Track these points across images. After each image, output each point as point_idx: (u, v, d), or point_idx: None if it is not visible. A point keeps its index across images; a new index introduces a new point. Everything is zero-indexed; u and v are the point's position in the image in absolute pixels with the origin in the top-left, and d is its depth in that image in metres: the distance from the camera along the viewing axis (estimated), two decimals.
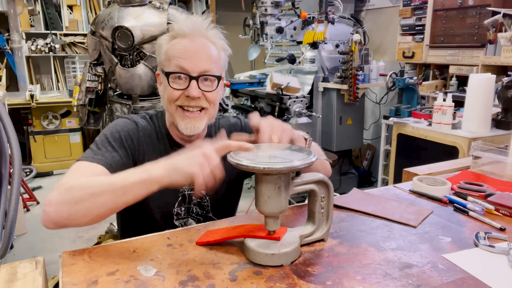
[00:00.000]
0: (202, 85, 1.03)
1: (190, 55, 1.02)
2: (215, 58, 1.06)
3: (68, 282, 0.70)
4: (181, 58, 1.02)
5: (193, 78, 1.02)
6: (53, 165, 4.50)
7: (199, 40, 1.04)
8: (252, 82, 3.82)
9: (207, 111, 1.07)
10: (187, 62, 1.01)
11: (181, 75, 1.02)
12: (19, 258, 1.05)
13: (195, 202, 1.15)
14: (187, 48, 1.02)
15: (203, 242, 0.84)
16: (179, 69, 1.02)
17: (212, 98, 1.06)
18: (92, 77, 2.72)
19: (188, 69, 1.01)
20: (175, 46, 1.03)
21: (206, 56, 1.03)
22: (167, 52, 1.04)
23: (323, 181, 0.82)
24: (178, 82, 1.03)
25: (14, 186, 0.77)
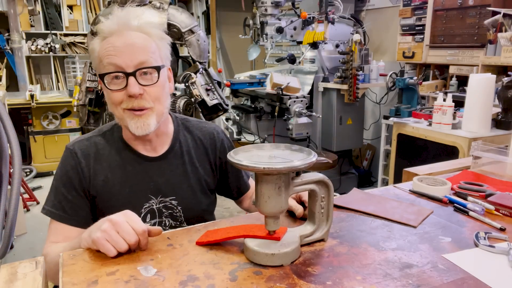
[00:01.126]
0: (142, 79, 0.96)
1: (121, 50, 0.95)
2: (152, 48, 0.98)
3: (68, 282, 0.70)
4: (111, 55, 0.95)
5: (130, 74, 0.95)
6: (53, 165, 4.49)
7: (129, 34, 0.97)
8: (252, 82, 3.82)
9: (153, 109, 0.99)
10: (119, 58, 0.94)
11: (117, 73, 0.95)
12: (19, 258, 1.05)
13: (167, 214, 1.09)
14: (116, 44, 0.95)
15: (203, 242, 0.84)
16: (113, 67, 0.95)
17: (155, 93, 0.98)
18: (92, 77, 2.72)
19: (122, 66, 0.94)
20: (105, 45, 0.96)
21: (139, 48, 0.96)
22: (99, 54, 0.98)
23: (323, 181, 0.82)
24: (116, 82, 0.96)
25: (14, 186, 0.77)
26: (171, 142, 1.11)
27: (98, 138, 1.09)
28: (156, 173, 1.08)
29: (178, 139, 1.12)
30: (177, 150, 1.11)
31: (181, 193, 1.10)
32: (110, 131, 1.10)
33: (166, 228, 1.09)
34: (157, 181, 1.07)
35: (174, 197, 1.09)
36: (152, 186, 1.07)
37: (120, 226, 0.77)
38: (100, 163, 1.05)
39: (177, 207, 1.10)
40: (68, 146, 1.08)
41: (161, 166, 1.08)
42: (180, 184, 1.10)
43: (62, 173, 1.05)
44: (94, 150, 1.06)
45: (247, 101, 3.85)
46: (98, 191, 1.05)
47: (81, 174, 1.04)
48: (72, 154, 1.06)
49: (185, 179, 1.11)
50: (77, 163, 1.04)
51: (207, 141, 1.16)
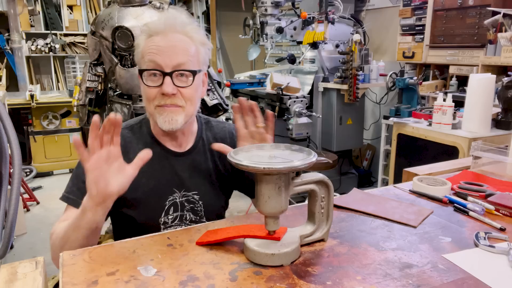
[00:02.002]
0: (177, 81, 1.01)
1: (163, 50, 1.00)
2: (192, 52, 1.02)
3: (68, 282, 0.70)
4: (153, 53, 1.00)
5: (167, 74, 0.99)
6: (53, 165, 4.50)
7: (173, 36, 1.01)
8: (252, 82, 3.82)
9: (183, 109, 1.03)
10: (160, 57, 0.99)
11: (155, 71, 1.00)
12: (19, 258, 1.05)
13: (188, 208, 1.13)
14: (159, 44, 1.00)
15: (203, 242, 0.84)
16: (152, 65, 1.00)
17: (188, 95, 1.03)
18: (92, 77, 2.72)
19: (161, 65, 0.99)
20: (149, 44, 1.01)
21: (180, 50, 1.01)
22: (143, 50, 1.03)
23: (323, 181, 0.82)
24: (153, 79, 1.01)
25: (14, 186, 0.77)
26: (195, 139, 1.15)
27: (125, 131, 1.11)
28: (181, 168, 1.12)
29: (201, 137, 1.17)
30: (201, 148, 1.16)
31: (203, 188, 1.14)
32: (138, 124, 1.14)
33: (187, 222, 1.13)
34: (181, 176, 1.12)
35: (197, 191, 1.13)
36: (177, 180, 1.11)
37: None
38: (128, 155, 1.06)
39: (198, 202, 1.13)
40: None
41: (186, 161, 1.13)
42: (203, 180, 1.14)
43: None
44: (122, 143, 1.07)
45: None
46: None
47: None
48: None
49: (207, 175, 1.15)
50: None
51: (228, 139, 1.20)
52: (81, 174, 1.03)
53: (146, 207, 1.08)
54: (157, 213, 1.09)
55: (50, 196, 3.79)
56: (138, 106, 2.61)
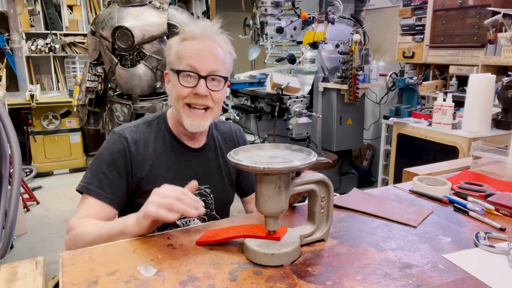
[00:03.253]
0: (210, 84, 1.10)
1: (201, 55, 1.09)
2: (222, 60, 1.12)
3: (68, 282, 0.70)
4: (192, 57, 1.08)
5: (202, 77, 1.08)
6: (53, 165, 4.50)
7: (209, 42, 1.10)
8: (252, 82, 3.82)
9: (212, 110, 1.13)
10: (198, 61, 1.08)
11: (191, 73, 1.08)
12: (19, 258, 1.05)
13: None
14: (198, 49, 1.09)
15: (203, 242, 0.84)
16: (190, 67, 1.08)
17: (218, 98, 1.12)
18: (92, 77, 2.72)
19: (198, 68, 1.08)
20: (186, 46, 1.10)
21: (214, 57, 1.10)
22: (178, 52, 1.11)
23: (323, 181, 0.82)
24: (188, 80, 1.09)
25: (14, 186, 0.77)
26: (207, 137, 1.24)
27: (144, 126, 1.19)
28: (195, 163, 1.20)
29: (212, 135, 1.26)
30: (212, 145, 1.25)
31: (214, 182, 1.22)
32: (155, 120, 1.21)
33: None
34: (195, 170, 1.19)
35: (208, 185, 1.21)
36: (191, 174, 1.17)
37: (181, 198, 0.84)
38: (147, 149, 1.15)
39: (210, 195, 1.21)
40: (117, 131, 1.16)
41: (200, 157, 1.21)
42: (214, 175, 1.23)
43: (107, 154, 1.12)
44: (142, 137, 1.16)
45: (247, 101, 3.85)
46: (144, 174, 1.13)
47: (128, 158, 1.12)
48: (121, 138, 1.13)
49: (218, 171, 1.24)
50: (126, 147, 1.12)
51: (235, 137, 1.31)
52: (102, 166, 1.10)
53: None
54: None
55: (50, 196, 3.79)
56: (138, 106, 2.61)
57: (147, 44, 2.49)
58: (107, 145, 1.14)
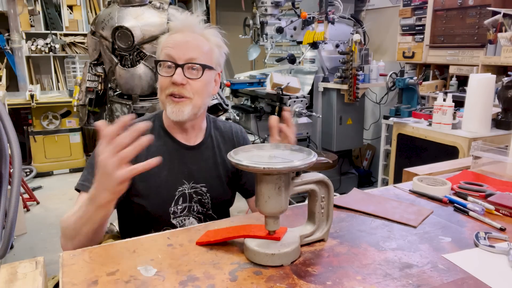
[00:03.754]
0: (188, 73, 1.09)
1: (178, 44, 1.09)
2: (205, 50, 1.11)
3: (68, 282, 0.70)
4: (169, 47, 1.10)
5: (179, 66, 1.08)
6: (53, 165, 4.50)
7: (191, 34, 1.11)
8: (252, 82, 3.82)
9: (191, 100, 1.11)
10: (175, 50, 1.09)
11: (169, 63, 1.09)
12: (19, 258, 1.05)
13: (196, 200, 1.18)
14: (176, 39, 1.11)
15: (203, 242, 0.84)
16: (167, 57, 1.09)
17: (197, 87, 1.11)
18: (92, 77, 2.72)
19: (174, 57, 1.08)
20: (168, 39, 1.12)
21: (193, 46, 1.10)
22: (161, 45, 1.13)
23: (323, 181, 0.82)
24: (167, 70, 1.10)
25: (14, 186, 0.77)
26: (204, 135, 1.23)
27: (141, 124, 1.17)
28: (191, 161, 1.19)
29: (210, 134, 1.25)
30: (209, 143, 1.24)
31: (211, 181, 1.20)
32: (152, 118, 1.22)
33: (194, 213, 1.19)
34: (190, 168, 1.18)
35: (205, 184, 1.19)
36: (186, 172, 1.17)
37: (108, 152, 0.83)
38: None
39: (206, 194, 1.19)
40: None
41: (195, 155, 1.20)
42: (211, 173, 1.21)
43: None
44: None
45: (247, 101, 3.84)
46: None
47: None
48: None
49: (215, 169, 1.22)
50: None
51: (235, 137, 1.29)
52: (95, 164, 1.06)
53: (157, 197, 1.13)
54: (167, 202, 1.14)
55: (50, 196, 3.79)
56: (138, 106, 2.61)
57: (147, 44, 2.49)
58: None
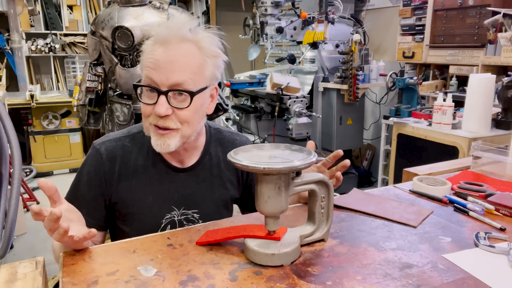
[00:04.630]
0: (174, 101, 0.92)
1: (161, 65, 0.90)
2: (194, 69, 0.92)
3: (68, 282, 0.70)
4: (150, 68, 0.91)
5: (162, 93, 0.90)
6: (53, 165, 4.50)
7: (177, 47, 0.91)
8: (252, 82, 3.82)
9: (178, 131, 0.94)
10: (157, 73, 0.90)
11: (150, 88, 0.91)
12: (19, 258, 1.05)
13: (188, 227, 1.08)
14: (158, 58, 0.90)
15: (203, 242, 0.84)
16: (148, 80, 0.92)
17: (184, 116, 0.93)
18: (92, 77, 2.72)
19: (156, 81, 0.90)
20: (149, 55, 0.92)
21: (179, 67, 0.90)
22: (143, 60, 0.94)
23: (323, 181, 0.82)
24: (149, 95, 0.93)
25: (14, 186, 0.77)
26: (200, 154, 1.08)
27: (126, 140, 1.05)
28: (182, 185, 1.05)
29: (208, 151, 1.10)
30: (206, 163, 1.09)
31: (204, 206, 1.08)
32: (140, 133, 1.05)
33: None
34: (181, 193, 1.05)
35: (197, 210, 1.07)
36: (176, 198, 1.05)
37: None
38: (126, 167, 1.02)
39: (198, 221, 1.08)
40: (95, 145, 1.04)
41: (188, 178, 1.06)
42: (204, 198, 1.08)
43: (85, 171, 1.03)
44: (121, 153, 1.03)
45: (247, 101, 3.85)
46: (120, 196, 1.02)
47: (102, 178, 1.01)
48: (97, 154, 1.02)
49: (210, 193, 1.09)
50: (101, 165, 1.01)
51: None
52: (81, 184, 1.02)
53: (141, 224, 1.01)
54: (153, 231, 0.96)
55: None
56: (138, 106, 2.61)
57: None
58: (85, 160, 1.04)
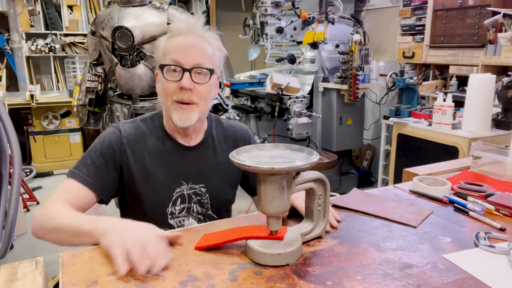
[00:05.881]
0: (195, 77, 1.08)
1: (184, 48, 1.08)
2: (209, 54, 1.11)
3: (68, 282, 0.70)
4: (176, 52, 1.08)
5: (186, 70, 1.07)
6: (53, 165, 4.50)
7: (193, 37, 1.10)
8: (252, 82, 3.82)
9: (198, 106, 1.10)
10: (181, 55, 1.07)
11: (175, 67, 1.07)
12: (19, 258, 1.05)
13: (195, 200, 1.17)
14: (181, 43, 1.09)
15: (202, 247, 0.83)
16: (174, 62, 1.07)
17: (203, 92, 1.10)
18: (92, 77, 2.72)
19: (182, 62, 1.07)
20: (172, 43, 1.10)
21: (199, 50, 1.09)
22: (164, 48, 1.10)
23: (320, 179, 0.83)
24: (173, 74, 1.08)
25: (14, 186, 0.77)
26: (204, 135, 1.21)
27: (140, 122, 1.18)
28: (190, 161, 1.17)
29: (211, 133, 1.23)
30: (210, 143, 1.22)
31: (210, 181, 1.19)
32: (151, 118, 1.20)
33: (193, 214, 1.18)
34: (189, 169, 1.17)
35: (204, 184, 1.18)
36: (185, 173, 1.16)
37: (149, 251, 0.75)
38: (140, 145, 1.14)
39: (205, 194, 1.18)
40: (114, 125, 1.17)
41: (195, 155, 1.18)
42: (210, 173, 1.19)
43: (99, 142, 1.12)
44: (136, 132, 1.15)
45: (247, 101, 3.85)
46: (135, 170, 1.12)
47: (118, 149, 1.11)
48: (116, 130, 1.14)
49: (215, 169, 1.20)
50: (119, 139, 1.12)
51: (238, 136, 1.27)
52: (91, 153, 1.10)
53: (154, 197, 1.13)
54: (165, 203, 1.13)
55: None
56: (138, 106, 2.61)
57: (147, 44, 2.49)
58: (102, 135, 1.14)
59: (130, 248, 0.75)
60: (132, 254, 0.74)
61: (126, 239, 0.77)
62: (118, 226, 0.83)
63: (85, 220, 0.89)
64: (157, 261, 0.75)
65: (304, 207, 0.93)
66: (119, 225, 0.83)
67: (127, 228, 0.82)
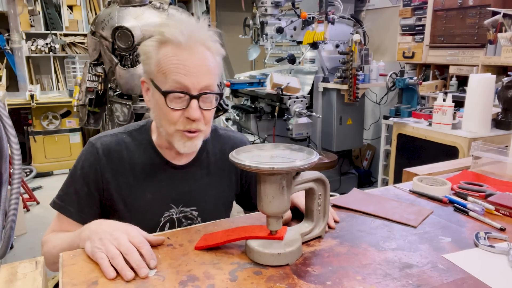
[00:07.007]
0: (203, 103, 0.93)
1: (190, 70, 0.90)
2: (213, 67, 0.95)
3: (68, 282, 0.70)
4: (180, 73, 0.90)
5: (194, 97, 0.91)
6: (53, 165, 4.50)
7: (198, 51, 0.92)
8: (252, 82, 3.82)
9: (203, 132, 0.98)
10: (188, 78, 0.90)
11: (181, 94, 0.91)
12: (19, 258, 1.04)
13: (186, 225, 1.07)
14: (186, 62, 0.90)
15: (202, 246, 0.83)
16: (179, 86, 0.91)
17: (209, 117, 0.98)
18: (92, 77, 2.72)
19: (188, 87, 0.91)
20: (171, 59, 0.91)
21: (206, 69, 0.93)
22: (160, 63, 0.92)
23: (320, 179, 0.83)
24: (177, 101, 0.92)
25: (14, 186, 0.77)
26: (197, 152, 1.08)
27: (124, 135, 1.05)
28: (180, 182, 1.05)
29: (205, 149, 1.10)
30: (204, 160, 1.09)
31: (203, 204, 1.08)
32: (138, 131, 1.06)
33: None
34: (180, 190, 1.06)
35: (195, 207, 1.07)
36: (174, 195, 1.05)
37: (129, 253, 0.74)
38: (122, 163, 1.02)
39: (197, 218, 1.08)
40: (92, 140, 1.04)
41: (186, 175, 1.07)
42: (203, 195, 1.08)
43: (80, 167, 1.02)
44: (118, 148, 1.02)
45: (247, 101, 3.85)
46: (117, 193, 1.01)
47: (99, 173, 1.00)
48: (93, 149, 1.01)
49: (208, 190, 1.09)
50: (97, 161, 1.00)
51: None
52: (74, 181, 1.02)
53: (139, 223, 0.96)
54: (151, 229, 0.94)
55: (50, 196, 3.72)
56: (138, 106, 2.61)
57: None
58: (80, 157, 1.04)
59: (114, 254, 0.73)
60: (116, 260, 0.72)
61: (109, 245, 0.74)
62: (100, 230, 0.79)
63: (71, 237, 0.89)
64: (142, 266, 0.72)
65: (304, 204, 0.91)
66: (101, 228, 0.79)
67: (110, 231, 0.77)
